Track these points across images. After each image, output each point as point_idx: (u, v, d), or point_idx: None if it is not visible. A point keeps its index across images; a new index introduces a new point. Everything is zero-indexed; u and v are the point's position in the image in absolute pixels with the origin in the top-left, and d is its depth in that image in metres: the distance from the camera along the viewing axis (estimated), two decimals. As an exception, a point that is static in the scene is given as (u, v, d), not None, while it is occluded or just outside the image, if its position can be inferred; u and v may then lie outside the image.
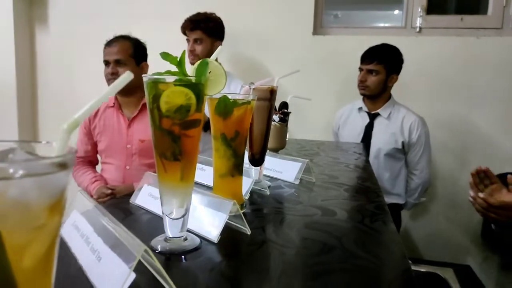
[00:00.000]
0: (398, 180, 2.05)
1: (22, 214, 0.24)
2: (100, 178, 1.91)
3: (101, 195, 1.78)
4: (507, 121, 2.25)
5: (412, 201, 2.10)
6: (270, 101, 0.87)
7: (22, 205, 0.23)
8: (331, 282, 0.46)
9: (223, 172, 0.69)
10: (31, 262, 0.24)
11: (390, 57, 2.00)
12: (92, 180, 1.88)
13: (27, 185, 0.23)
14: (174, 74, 0.50)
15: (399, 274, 0.50)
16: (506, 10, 2.36)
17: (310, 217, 0.70)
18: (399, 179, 2.06)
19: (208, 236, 0.57)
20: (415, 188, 2.06)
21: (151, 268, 0.44)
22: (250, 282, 0.47)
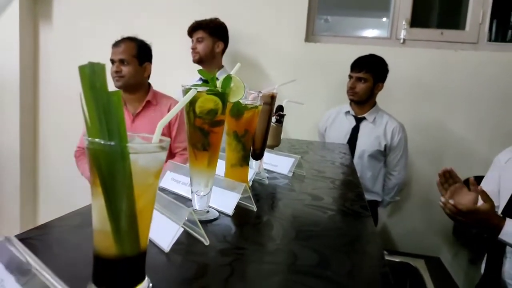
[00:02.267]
0: (378, 179, 2.25)
1: (143, 175, 0.40)
2: None
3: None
4: (479, 128, 2.46)
5: (388, 199, 2.30)
6: (271, 105, 1.04)
7: (144, 169, 0.40)
8: (319, 244, 0.63)
9: (234, 162, 0.86)
10: (144, 203, 0.41)
11: (378, 67, 2.20)
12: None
13: (146, 158, 0.40)
14: (207, 85, 0.66)
15: (370, 237, 0.67)
16: (482, 26, 2.57)
17: (301, 200, 0.88)
18: (379, 179, 2.25)
19: (225, 210, 0.73)
20: (392, 187, 2.26)
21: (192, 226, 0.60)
22: (258, 242, 0.64)
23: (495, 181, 1.55)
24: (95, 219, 0.41)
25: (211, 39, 2.35)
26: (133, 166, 0.39)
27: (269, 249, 0.59)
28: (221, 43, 2.39)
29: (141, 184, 0.40)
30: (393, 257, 1.98)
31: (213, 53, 2.38)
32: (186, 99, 0.48)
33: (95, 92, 0.36)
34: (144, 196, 0.41)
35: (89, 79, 0.35)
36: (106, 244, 0.40)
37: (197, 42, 2.35)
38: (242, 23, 2.67)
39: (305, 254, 0.57)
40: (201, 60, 2.37)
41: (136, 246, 0.41)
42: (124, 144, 0.37)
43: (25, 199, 2.98)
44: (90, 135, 0.37)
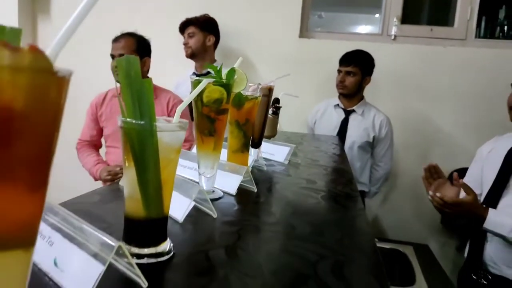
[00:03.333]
0: (365, 170, 2.34)
1: (167, 150, 0.48)
2: (101, 161, 2.13)
3: (105, 177, 2.00)
4: (465, 121, 2.56)
5: (374, 189, 2.39)
6: (268, 97, 1.12)
7: (167, 146, 0.48)
8: (313, 218, 0.71)
9: (235, 148, 0.93)
10: (167, 175, 0.48)
11: (365, 61, 2.28)
12: (94, 163, 2.10)
13: (169, 136, 0.48)
14: (213, 77, 0.74)
15: (358, 212, 0.76)
16: (470, 23, 2.66)
17: (297, 184, 0.96)
18: (366, 169, 2.34)
19: (229, 191, 0.81)
20: (378, 178, 2.35)
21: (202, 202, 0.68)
22: (260, 216, 0.72)
23: (478, 171, 1.65)
24: (127, 188, 0.48)
25: (201, 33, 2.42)
26: (159, 143, 0.46)
27: (269, 221, 0.67)
28: (212, 37, 2.46)
29: (165, 158, 0.48)
30: (384, 244, 2.07)
31: (204, 46, 2.45)
32: (200, 88, 0.56)
33: (130, 80, 0.43)
34: (167, 168, 0.49)
35: (125, 69, 0.43)
36: (136, 208, 0.48)
37: (189, 37, 2.43)
38: (237, 19, 2.74)
39: (301, 225, 0.65)
40: (194, 54, 2.44)
41: (161, 210, 0.49)
42: (153, 123, 0.45)
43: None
44: (124, 116, 0.45)
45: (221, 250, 0.53)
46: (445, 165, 2.35)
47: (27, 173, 0.23)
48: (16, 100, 0.21)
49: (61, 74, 0.23)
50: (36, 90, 0.22)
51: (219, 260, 0.50)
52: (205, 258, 0.51)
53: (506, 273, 1.41)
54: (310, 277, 0.47)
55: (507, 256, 1.41)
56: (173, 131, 0.48)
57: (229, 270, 0.48)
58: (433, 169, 1.57)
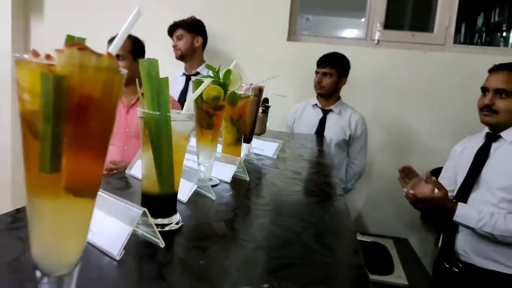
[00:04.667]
0: (341, 167, 2.45)
1: (178, 137, 0.57)
2: None
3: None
4: (442, 124, 2.69)
5: (349, 186, 2.51)
6: (259, 97, 1.22)
7: (178, 133, 0.57)
8: (298, 201, 0.81)
9: (230, 142, 1.03)
10: (177, 158, 0.58)
11: (341, 63, 2.40)
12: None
13: (180, 125, 0.57)
14: (212, 77, 0.83)
15: (337, 196, 0.86)
16: (448, 30, 2.81)
17: (285, 174, 1.06)
18: (342, 167, 2.46)
19: (224, 179, 0.91)
20: (353, 175, 2.47)
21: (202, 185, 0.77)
22: (252, 199, 0.82)
23: (452, 168, 1.78)
24: (144, 168, 0.58)
25: (189, 35, 2.52)
26: (172, 130, 0.56)
27: (260, 203, 0.78)
28: (200, 38, 2.56)
29: (176, 144, 0.57)
30: (365, 237, 2.19)
31: (193, 47, 2.55)
32: (203, 87, 0.66)
33: (150, 78, 0.53)
34: (178, 152, 0.58)
35: (147, 69, 0.53)
36: (152, 185, 0.57)
37: (177, 40, 2.53)
38: (226, 22, 2.84)
39: (288, 206, 0.76)
40: (183, 56, 2.54)
41: (172, 187, 0.59)
42: (168, 114, 0.55)
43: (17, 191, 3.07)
44: (144, 108, 0.55)
45: (221, 223, 0.63)
46: (424, 165, 2.49)
47: (98, 142, 0.33)
48: (94, 90, 0.31)
49: (122, 72, 0.33)
50: (107, 83, 0.32)
51: (219, 229, 0.60)
52: (208, 228, 0.61)
53: (475, 260, 1.54)
54: (295, 242, 0.57)
55: (476, 246, 1.54)
56: (183, 121, 0.58)
57: (228, 236, 0.58)
58: (407, 169, 1.68)
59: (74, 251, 0.35)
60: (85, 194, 0.34)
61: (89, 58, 0.30)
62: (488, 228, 1.45)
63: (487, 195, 1.53)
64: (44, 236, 0.34)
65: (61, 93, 0.29)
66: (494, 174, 1.54)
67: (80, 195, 0.33)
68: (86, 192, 0.34)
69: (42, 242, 0.34)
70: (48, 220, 0.33)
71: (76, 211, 0.34)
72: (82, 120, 0.31)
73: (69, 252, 0.35)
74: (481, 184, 1.57)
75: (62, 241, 0.34)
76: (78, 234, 0.35)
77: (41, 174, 0.31)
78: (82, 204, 0.34)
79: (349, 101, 2.55)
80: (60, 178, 0.31)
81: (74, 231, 0.34)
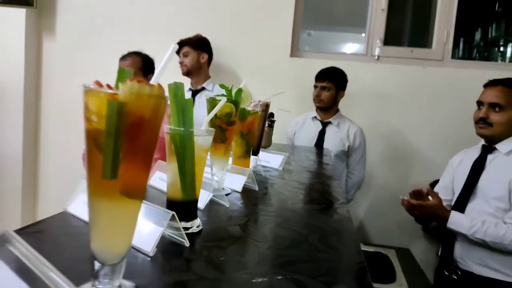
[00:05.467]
0: (341, 178, 2.52)
1: (199, 150, 0.65)
2: None
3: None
4: (442, 137, 2.77)
5: (349, 197, 2.57)
6: (266, 112, 1.31)
7: (199, 146, 0.65)
8: (303, 208, 0.89)
9: (239, 154, 1.11)
10: (198, 168, 0.66)
11: (339, 77, 2.49)
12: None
13: (201, 139, 0.65)
14: (225, 95, 0.92)
15: (339, 203, 0.94)
16: (446, 45, 2.90)
17: (291, 184, 1.14)
18: (342, 178, 2.53)
19: (236, 188, 0.99)
20: (352, 186, 2.53)
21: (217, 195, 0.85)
22: (262, 206, 0.89)
23: (450, 179, 1.85)
24: (170, 177, 0.66)
25: (195, 52, 2.62)
26: (194, 144, 0.64)
27: (270, 210, 0.85)
28: (205, 54, 2.66)
29: (197, 156, 0.65)
30: (368, 247, 2.25)
31: (199, 64, 2.65)
32: (219, 106, 0.74)
33: (177, 98, 0.61)
34: (199, 163, 0.66)
35: (174, 91, 0.61)
36: (176, 192, 0.65)
37: (184, 57, 2.62)
38: (230, 39, 2.94)
39: (294, 212, 0.83)
40: (189, 72, 2.64)
41: (194, 194, 0.66)
42: (191, 130, 0.63)
43: (26, 198, 3.15)
44: (171, 124, 0.63)
45: (236, 226, 0.71)
46: (422, 176, 2.56)
47: (146, 154, 0.41)
48: (146, 112, 0.39)
49: (166, 99, 0.41)
50: (156, 107, 0.40)
51: (235, 232, 0.68)
52: (225, 231, 0.68)
53: (472, 268, 1.60)
54: (302, 243, 0.65)
55: (473, 253, 1.60)
56: (204, 136, 0.66)
57: (243, 238, 0.65)
58: (417, 193, 1.74)
59: (124, 244, 0.43)
60: (135, 197, 0.42)
61: (145, 88, 0.38)
62: (480, 234, 1.52)
63: (484, 204, 1.60)
64: (102, 232, 0.41)
65: (121, 115, 0.37)
66: (490, 184, 1.61)
67: (132, 197, 0.41)
68: (136, 195, 0.42)
69: (100, 237, 0.41)
70: (106, 218, 0.41)
71: (128, 210, 0.42)
72: (135, 136, 0.39)
73: (120, 245, 0.42)
74: (478, 194, 1.64)
75: (116, 236, 0.42)
76: (128, 230, 0.43)
77: (102, 180, 0.39)
78: (133, 205, 0.42)
79: (351, 114, 2.63)
80: (117, 184, 0.39)
81: (126, 227, 0.42)
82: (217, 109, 0.73)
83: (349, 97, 2.63)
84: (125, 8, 3.06)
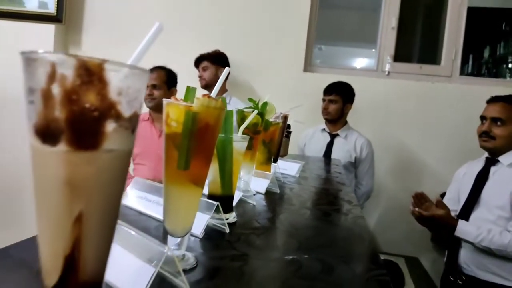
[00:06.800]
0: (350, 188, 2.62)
1: (236, 153, 0.78)
2: (130, 176, 2.42)
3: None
4: (450, 150, 2.86)
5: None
6: (284, 123, 1.44)
7: (236, 150, 0.78)
8: (321, 207, 1.01)
9: (262, 161, 1.24)
10: (235, 168, 0.79)
11: (345, 90, 2.61)
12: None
13: (238, 144, 0.78)
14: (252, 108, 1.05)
15: (352, 204, 1.05)
16: (455, 62, 3.02)
17: (308, 189, 1.26)
18: (351, 188, 2.62)
19: (260, 191, 1.11)
20: (361, 196, 2.63)
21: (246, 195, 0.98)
22: (285, 205, 1.01)
23: (456, 190, 1.95)
24: (211, 175, 0.78)
25: (214, 66, 2.76)
26: (233, 148, 0.77)
27: (292, 208, 0.97)
28: (223, 69, 2.80)
29: (235, 158, 0.78)
30: (377, 255, 2.34)
31: (217, 78, 2.78)
32: (252, 116, 0.87)
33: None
34: (236, 164, 0.79)
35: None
36: (216, 188, 0.78)
37: (203, 71, 2.77)
38: (246, 54, 3.09)
39: (314, 209, 0.95)
40: (208, 85, 2.78)
41: (231, 190, 0.79)
42: (230, 136, 0.75)
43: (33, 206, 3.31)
44: (215, 132, 0.76)
45: (264, 219, 0.83)
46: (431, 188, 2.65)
47: (209, 151, 0.54)
48: (211, 120, 0.52)
49: (225, 109, 0.54)
50: (217, 115, 0.53)
51: (264, 223, 0.80)
52: (256, 222, 0.80)
53: (477, 273, 1.69)
54: (324, 233, 0.77)
55: (477, 259, 1.69)
56: (241, 141, 0.79)
57: (272, 228, 0.78)
58: (419, 195, 1.85)
59: (190, 221, 0.55)
60: (200, 184, 0.54)
61: (212, 102, 0.51)
62: (486, 242, 1.61)
63: (486, 213, 1.70)
64: (174, 212, 0.54)
65: (194, 122, 0.50)
66: (493, 194, 1.71)
67: (197, 184, 0.54)
68: (201, 183, 0.55)
69: (172, 215, 0.54)
70: (177, 201, 0.54)
71: (194, 195, 0.54)
72: (202, 137, 0.52)
73: (187, 222, 0.55)
74: (481, 204, 1.74)
75: (184, 214, 0.55)
76: (193, 210, 0.55)
77: (177, 170, 0.52)
78: (198, 190, 0.54)
79: (361, 127, 2.74)
80: (188, 174, 0.52)
81: (191, 208, 0.55)
82: (250, 120, 0.86)
83: (360, 111, 2.75)
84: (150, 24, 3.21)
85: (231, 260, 0.59)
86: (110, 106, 0.26)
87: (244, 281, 0.52)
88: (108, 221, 0.29)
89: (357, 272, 0.59)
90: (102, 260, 0.30)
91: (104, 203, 0.28)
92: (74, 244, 0.27)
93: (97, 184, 0.27)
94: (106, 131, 0.26)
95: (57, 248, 0.27)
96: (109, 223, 0.29)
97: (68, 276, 0.28)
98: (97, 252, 0.29)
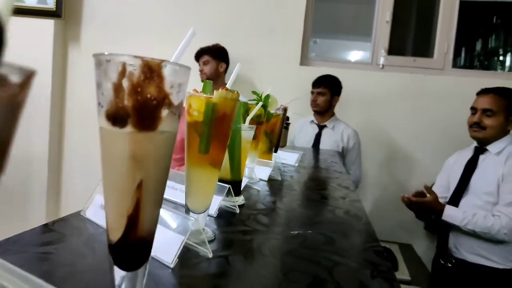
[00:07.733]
0: None
1: (244, 141, 0.85)
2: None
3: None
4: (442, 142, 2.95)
5: None
6: (284, 115, 1.51)
7: (244, 138, 0.85)
8: (321, 192, 1.08)
9: (264, 150, 1.31)
10: (243, 155, 0.86)
11: (333, 83, 2.69)
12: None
13: (246, 133, 0.86)
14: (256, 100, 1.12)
15: (350, 189, 1.13)
16: (447, 55, 3.10)
17: (307, 176, 1.34)
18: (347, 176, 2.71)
19: (263, 178, 1.19)
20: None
21: (252, 182, 1.05)
22: (287, 191, 1.09)
23: (446, 178, 2.04)
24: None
25: (214, 61, 2.82)
26: (242, 136, 0.84)
27: (293, 193, 1.05)
28: (224, 64, 2.87)
29: (243, 146, 0.85)
30: (372, 242, 2.43)
31: (218, 72, 2.85)
32: (257, 108, 0.94)
33: (230, 102, 0.81)
34: (244, 151, 0.86)
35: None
36: (226, 173, 0.85)
37: (204, 65, 2.82)
38: (244, 48, 3.16)
39: (314, 193, 1.03)
40: (208, 79, 2.82)
41: (239, 175, 0.86)
42: (239, 125, 0.83)
43: (51, 198, 3.37)
44: (225, 121, 0.83)
45: (269, 202, 0.91)
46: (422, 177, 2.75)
47: (225, 137, 0.61)
48: (228, 109, 0.59)
49: (238, 100, 0.61)
50: (233, 105, 0.60)
51: (270, 205, 0.88)
52: (261, 205, 0.88)
53: (465, 256, 1.79)
54: (325, 213, 0.85)
55: (466, 243, 1.79)
56: (248, 130, 0.86)
57: (277, 208, 0.85)
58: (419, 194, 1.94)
59: (209, 199, 0.63)
60: (217, 166, 0.62)
61: (229, 93, 0.58)
62: (471, 226, 1.71)
63: (475, 199, 1.79)
64: (194, 191, 0.62)
65: (214, 111, 0.58)
66: (481, 181, 1.80)
67: (215, 167, 0.61)
68: (218, 165, 0.62)
69: (193, 194, 0.62)
70: (198, 181, 0.61)
71: (212, 176, 0.62)
72: (220, 125, 0.60)
73: (206, 199, 0.62)
74: (470, 191, 1.83)
75: (203, 193, 0.62)
76: (211, 189, 0.63)
77: (198, 154, 0.59)
78: (215, 172, 0.62)
79: (356, 119, 2.83)
80: (207, 157, 0.60)
81: (210, 187, 0.63)
82: (255, 111, 0.93)
83: (355, 103, 2.83)
84: (148, 19, 3.29)
85: (243, 234, 0.67)
86: (165, 96, 0.33)
87: (257, 250, 0.60)
88: (161, 187, 0.37)
89: (355, 243, 0.67)
90: (155, 221, 0.37)
91: (158, 173, 0.36)
92: (136, 205, 0.35)
93: (154, 158, 0.35)
94: (161, 116, 0.34)
95: (122, 209, 0.35)
96: (161, 189, 0.37)
97: (130, 232, 0.35)
98: (152, 212, 0.36)
